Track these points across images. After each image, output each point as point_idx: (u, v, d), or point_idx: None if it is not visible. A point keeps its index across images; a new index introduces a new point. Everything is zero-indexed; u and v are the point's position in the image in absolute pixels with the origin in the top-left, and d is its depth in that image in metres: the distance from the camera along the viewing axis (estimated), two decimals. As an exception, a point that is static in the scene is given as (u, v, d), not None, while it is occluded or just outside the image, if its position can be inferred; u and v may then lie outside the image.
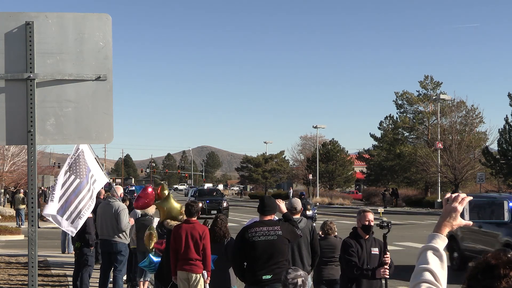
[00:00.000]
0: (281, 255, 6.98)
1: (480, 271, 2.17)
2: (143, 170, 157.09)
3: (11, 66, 4.79)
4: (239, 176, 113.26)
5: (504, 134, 49.00)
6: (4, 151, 38.87)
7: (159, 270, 9.61)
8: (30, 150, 4.81)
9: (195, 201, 9.02)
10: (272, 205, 7.17)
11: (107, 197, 11.56)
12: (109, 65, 4.93)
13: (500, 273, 2.13)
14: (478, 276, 2.17)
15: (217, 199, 40.61)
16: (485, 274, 2.15)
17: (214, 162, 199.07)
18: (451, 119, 56.87)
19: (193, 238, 8.26)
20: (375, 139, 68.97)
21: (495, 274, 2.13)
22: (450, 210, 2.64)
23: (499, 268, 2.14)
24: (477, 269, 2.20)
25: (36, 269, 4.86)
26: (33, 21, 4.80)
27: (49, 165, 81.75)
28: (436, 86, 63.67)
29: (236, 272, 7.40)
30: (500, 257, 2.18)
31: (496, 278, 2.13)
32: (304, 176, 75.87)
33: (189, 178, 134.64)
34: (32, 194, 4.84)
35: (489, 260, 2.19)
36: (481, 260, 2.21)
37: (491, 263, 2.17)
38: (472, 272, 2.20)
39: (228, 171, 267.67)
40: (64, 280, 13.56)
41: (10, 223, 31.22)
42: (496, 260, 2.17)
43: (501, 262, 2.16)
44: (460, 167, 50.19)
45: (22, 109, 4.79)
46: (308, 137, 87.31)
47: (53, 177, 38.69)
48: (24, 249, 17.37)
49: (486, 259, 2.20)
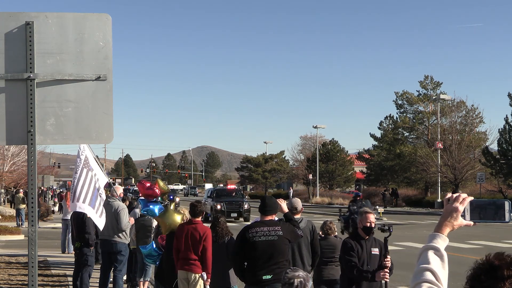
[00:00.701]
0: (282, 255, 6.97)
1: (483, 272, 2.16)
2: (143, 170, 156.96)
3: (11, 66, 4.78)
4: (239, 176, 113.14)
5: (504, 134, 49.03)
6: (4, 151, 38.87)
7: (159, 270, 9.60)
8: (30, 150, 4.81)
9: (199, 201, 9.01)
10: (273, 205, 7.16)
11: (106, 197, 11.54)
12: (109, 65, 4.93)
13: (503, 274, 2.12)
14: (481, 277, 2.16)
15: (237, 200, 36.63)
16: (488, 275, 2.14)
17: (214, 162, 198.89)
18: (451, 119, 56.91)
19: (193, 239, 8.27)
20: (375, 139, 68.94)
21: (498, 275, 2.12)
22: (451, 210, 2.62)
23: (502, 269, 2.14)
24: (480, 270, 2.19)
25: (36, 269, 4.86)
26: (33, 21, 4.80)
27: (49, 165, 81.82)
28: (436, 86, 63.66)
29: (236, 272, 7.39)
30: (504, 258, 2.17)
31: (499, 279, 2.12)
32: (304, 176, 75.84)
33: (189, 178, 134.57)
34: (32, 194, 4.83)
35: (492, 261, 2.18)
36: (484, 261, 2.21)
37: (494, 264, 2.16)
38: (475, 272, 2.19)
39: (228, 171, 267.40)
40: (64, 280, 13.56)
41: (10, 223, 31.22)
42: (499, 261, 2.16)
43: (504, 263, 2.15)
44: (460, 167, 50.20)
45: (22, 109, 4.79)
46: (308, 137, 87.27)
47: (53, 177, 38.68)
48: (24, 249, 17.35)
49: (489, 260, 2.19)
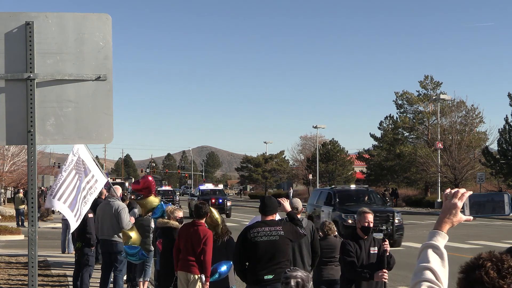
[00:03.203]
0: (283, 255, 6.96)
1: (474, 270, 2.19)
2: (143, 170, 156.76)
3: (11, 66, 4.78)
4: (239, 176, 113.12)
5: (504, 134, 49.02)
6: (4, 151, 38.88)
7: (158, 273, 9.63)
8: (30, 150, 4.81)
9: (204, 202, 8.61)
10: (273, 205, 7.16)
11: (106, 197, 11.54)
12: (109, 65, 4.93)
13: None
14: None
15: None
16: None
17: (214, 162, 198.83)
18: (451, 119, 56.89)
19: (193, 240, 8.26)
20: (375, 139, 68.89)
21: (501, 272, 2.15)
22: (450, 206, 2.61)
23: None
24: (469, 267, 2.21)
25: (36, 269, 4.85)
26: (33, 21, 4.80)
27: (49, 165, 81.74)
28: (436, 86, 63.64)
29: (237, 272, 7.38)
30: (494, 255, 2.20)
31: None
32: (304, 176, 75.82)
33: (189, 178, 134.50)
34: (32, 194, 4.83)
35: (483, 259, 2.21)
36: (474, 259, 2.23)
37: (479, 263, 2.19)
38: (466, 269, 2.22)
39: (228, 171, 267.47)
40: (64, 280, 13.56)
41: (10, 223, 31.22)
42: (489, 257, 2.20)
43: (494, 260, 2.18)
44: (460, 167, 50.16)
45: (22, 109, 4.79)
46: (308, 137, 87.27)
47: (53, 177, 38.69)
48: (24, 249, 17.36)
49: (480, 257, 2.22)
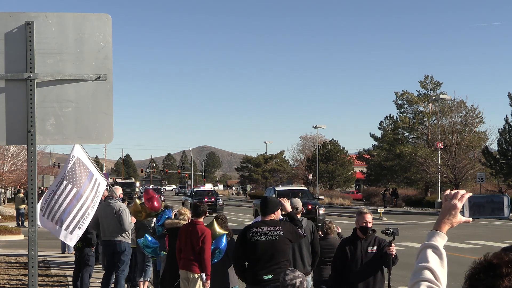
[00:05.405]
0: (282, 255, 6.96)
1: (481, 271, 2.18)
2: (143, 170, 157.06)
3: (11, 66, 4.79)
4: (239, 176, 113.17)
5: (504, 134, 49.04)
6: (4, 151, 38.89)
7: (162, 276, 9.62)
8: (30, 150, 4.81)
9: (202, 201, 8.97)
10: (273, 205, 7.16)
11: (106, 198, 11.52)
12: (109, 65, 4.93)
13: (502, 272, 2.14)
14: (480, 275, 2.17)
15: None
16: (487, 273, 2.16)
17: (214, 162, 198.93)
18: (451, 119, 56.92)
19: (192, 239, 8.34)
20: (375, 139, 68.93)
21: (497, 273, 2.14)
22: (450, 207, 2.61)
23: (501, 267, 2.15)
24: (478, 268, 2.20)
25: (36, 269, 4.86)
26: (33, 21, 4.80)
27: (49, 165, 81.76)
28: (436, 86, 63.65)
29: (237, 272, 7.39)
30: (502, 257, 2.19)
31: (498, 277, 2.13)
32: (304, 176, 75.84)
33: (189, 178, 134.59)
34: (32, 194, 4.83)
35: (490, 260, 2.19)
36: (482, 259, 2.22)
37: (493, 262, 2.17)
38: (474, 271, 2.21)
39: (228, 171, 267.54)
40: (64, 280, 13.57)
41: (10, 223, 31.23)
42: (498, 259, 2.18)
43: (503, 261, 2.17)
44: (460, 167, 50.17)
45: (22, 109, 4.79)
46: (308, 137, 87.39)
47: (53, 177, 38.68)
48: (24, 249, 17.36)
49: (488, 259, 2.21)
